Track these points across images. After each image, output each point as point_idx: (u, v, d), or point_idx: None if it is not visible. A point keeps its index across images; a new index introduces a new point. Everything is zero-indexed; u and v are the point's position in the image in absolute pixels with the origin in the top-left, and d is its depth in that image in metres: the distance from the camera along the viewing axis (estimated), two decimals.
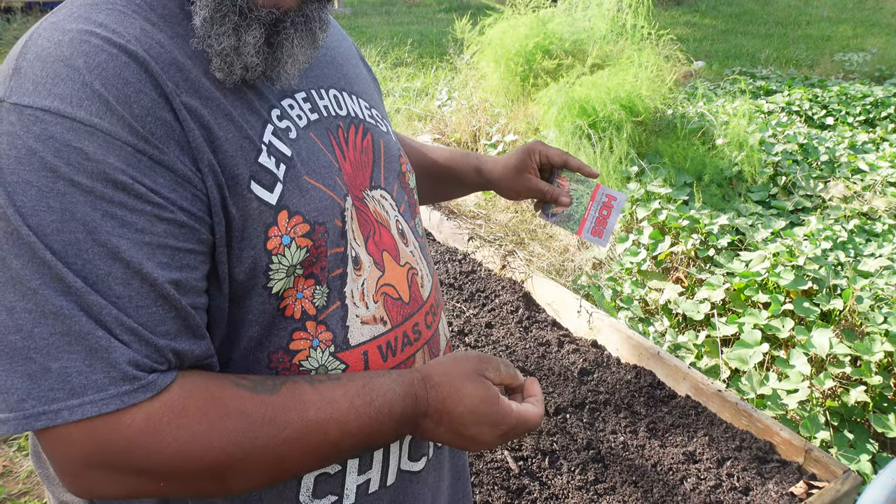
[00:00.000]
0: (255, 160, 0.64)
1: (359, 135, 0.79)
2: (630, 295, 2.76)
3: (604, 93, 3.58)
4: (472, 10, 5.81)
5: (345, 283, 0.71)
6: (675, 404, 1.91)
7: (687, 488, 1.62)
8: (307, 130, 0.72)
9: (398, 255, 0.79)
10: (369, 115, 0.83)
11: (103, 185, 0.55)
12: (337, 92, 0.80)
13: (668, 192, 3.29)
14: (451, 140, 4.42)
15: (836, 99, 5.15)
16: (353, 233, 0.73)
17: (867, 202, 3.39)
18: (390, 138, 0.86)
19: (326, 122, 0.75)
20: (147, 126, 0.58)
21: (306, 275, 0.68)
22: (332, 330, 0.71)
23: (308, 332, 0.69)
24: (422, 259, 0.85)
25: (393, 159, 0.84)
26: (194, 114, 0.61)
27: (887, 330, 2.19)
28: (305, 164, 0.69)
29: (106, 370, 0.54)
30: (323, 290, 0.70)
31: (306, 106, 0.73)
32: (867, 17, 10.08)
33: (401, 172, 0.85)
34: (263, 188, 0.64)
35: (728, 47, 8.15)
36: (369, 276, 0.74)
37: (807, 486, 1.59)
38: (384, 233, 0.78)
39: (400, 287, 0.78)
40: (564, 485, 1.64)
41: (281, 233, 0.65)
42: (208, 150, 0.61)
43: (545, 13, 4.37)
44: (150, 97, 0.59)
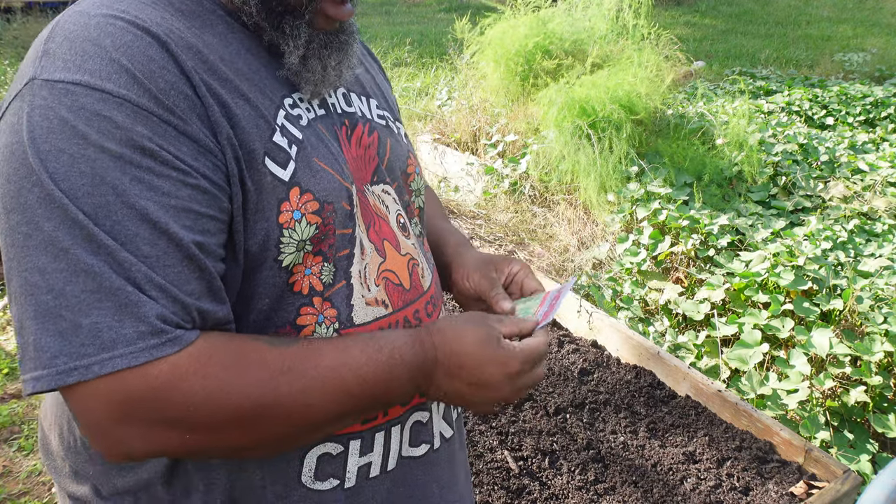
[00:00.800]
0: (269, 138, 0.68)
1: (364, 132, 0.82)
2: (630, 295, 2.76)
3: (603, 93, 3.58)
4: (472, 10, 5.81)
5: (351, 263, 0.75)
6: (675, 404, 1.91)
7: (687, 488, 1.62)
8: (317, 122, 0.76)
9: (398, 246, 0.82)
10: (378, 115, 0.87)
11: (131, 152, 0.59)
12: (346, 91, 0.84)
13: (668, 192, 3.29)
14: (451, 140, 4.42)
15: (836, 99, 5.15)
16: (356, 219, 0.76)
17: (867, 202, 3.39)
18: (399, 138, 0.89)
19: (331, 119, 0.79)
20: (171, 99, 0.62)
21: (315, 251, 0.71)
22: (337, 307, 0.73)
23: (315, 308, 0.72)
24: (422, 254, 0.87)
25: (399, 158, 0.87)
26: (213, 91, 0.65)
27: (887, 330, 2.19)
28: (315, 148, 0.73)
29: (135, 325, 0.57)
30: (330, 267, 0.73)
31: (315, 101, 0.78)
32: (867, 17, 10.08)
33: (405, 173, 0.88)
34: (277, 165, 0.68)
35: (728, 47, 8.15)
36: (371, 260, 0.77)
37: (807, 487, 1.59)
38: (384, 225, 0.81)
39: (401, 274, 0.81)
40: (564, 485, 1.64)
41: (292, 208, 0.68)
42: (227, 124, 0.65)
43: (545, 13, 4.37)
44: (173, 73, 0.63)
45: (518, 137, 4.05)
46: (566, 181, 3.62)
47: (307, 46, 0.73)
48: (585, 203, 3.51)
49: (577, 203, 3.59)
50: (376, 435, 0.78)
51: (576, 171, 3.52)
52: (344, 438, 0.76)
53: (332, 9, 0.73)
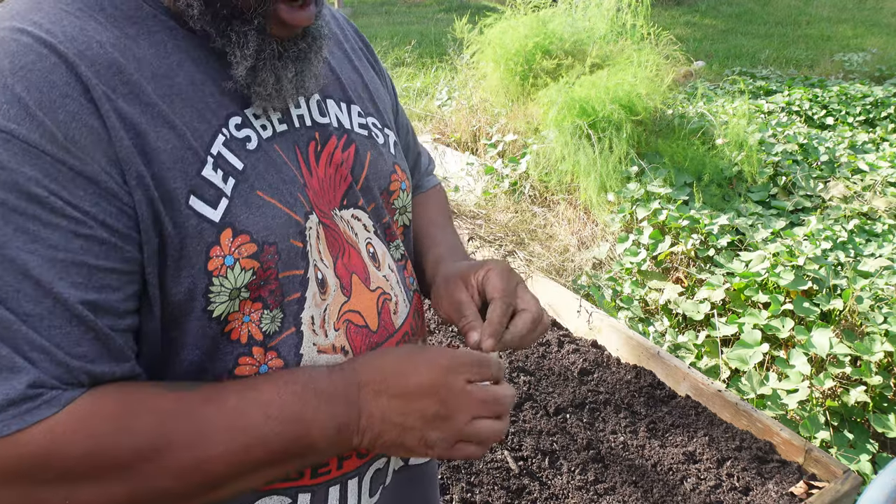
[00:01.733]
0: (196, 173, 0.60)
1: (338, 147, 0.74)
2: (630, 295, 2.76)
3: (603, 93, 3.58)
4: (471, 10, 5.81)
5: (302, 308, 0.67)
6: (675, 404, 1.91)
7: (687, 488, 1.62)
8: (271, 142, 0.67)
9: (368, 279, 0.74)
10: (361, 124, 0.78)
11: (16, 197, 0.52)
12: (321, 98, 0.75)
13: (668, 192, 3.29)
14: (451, 140, 4.42)
15: (836, 99, 5.15)
16: (321, 253, 0.69)
17: (867, 202, 3.39)
18: (384, 150, 0.79)
19: (296, 135, 0.70)
20: (70, 133, 0.54)
21: (253, 298, 0.63)
22: (284, 357, 0.66)
23: (254, 358, 0.65)
24: (399, 284, 0.79)
25: (380, 175, 0.78)
26: (127, 121, 0.57)
27: (887, 330, 2.19)
28: (261, 177, 0.64)
29: (6, 391, 0.51)
30: (274, 314, 0.65)
31: (275, 116, 0.69)
32: (867, 17, 10.08)
33: (386, 190, 0.79)
34: (206, 203, 0.60)
35: (728, 47, 8.15)
36: (333, 301, 0.69)
37: (807, 486, 1.59)
38: (353, 255, 0.73)
39: (367, 314, 0.72)
40: (564, 485, 1.64)
41: (224, 253, 0.60)
42: (140, 160, 0.57)
43: (545, 13, 4.37)
44: (77, 102, 0.55)
45: (518, 137, 4.05)
46: (566, 181, 3.62)
47: (257, 56, 0.63)
48: (585, 203, 3.51)
49: (577, 203, 3.59)
50: (330, 489, 0.71)
51: (576, 171, 3.52)
52: (291, 491, 0.69)
53: (287, 13, 0.63)
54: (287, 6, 0.64)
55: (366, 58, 0.88)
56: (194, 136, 0.61)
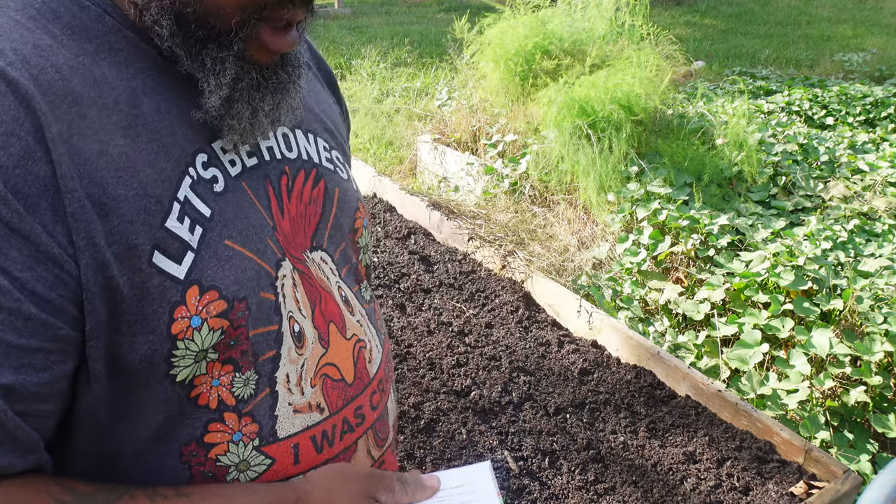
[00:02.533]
0: (160, 224, 0.53)
1: (308, 182, 0.67)
2: (630, 295, 2.76)
3: (603, 93, 3.58)
4: (471, 10, 5.81)
5: (276, 366, 0.61)
6: (675, 404, 1.91)
7: (687, 488, 1.62)
8: (239, 180, 0.60)
9: (344, 327, 0.69)
10: (327, 157, 0.71)
11: None
12: (288, 130, 0.68)
13: (668, 192, 3.29)
14: (451, 140, 4.42)
15: (836, 99, 5.15)
16: (300, 303, 0.63)
17: (867, 202, 3.40)
18: (349, 186, 0.74)
19: (267, 169, 0.64)
20: (12, 181, 0.46)
21: (222, 360, 0.58)
22: (259, 421, 0.61)
23: (226, 425, 0.59)
24: (370, 327, 0.74)
25: (346, 213, 0.73)
26: (83, 166, 0.49)
27: (887, 330, 2.19)
28: (229, 224, 0.58)
29: None
30: (247, 376, 0.59)
31: (244, 148, 0.62)
32: (867, 17, 10.09)
33: (352, 229, 0.74)
34: (170, 259, 0.53)
35: (728, 47, 8.15)
36: (311, 354, 0.64)
37: (807, 487, 1.59)
38: (329, 300, 0.68)
39: (343, 366, 0.68)
40: (564, 485, 1.64)
41: (190, 314, 0.54)
42: (95, 215, 0.49)
43: (545, 13, 4.37)
44: (25, 144, 0.46)
45: (518, 137, 4.05)
46: (566, 181, 3.62)
47: (233, 86, 0.56)
48: (585, 203, 3.51)
49: (577, 203, 3.59)
50: None
51: (576, 171, 3.52)
52: None
53: (270, 36, 0.56)
54: (271, 30, 0.56)
55: (327, 85, 0.81)
56: (159, 179, 0.53)
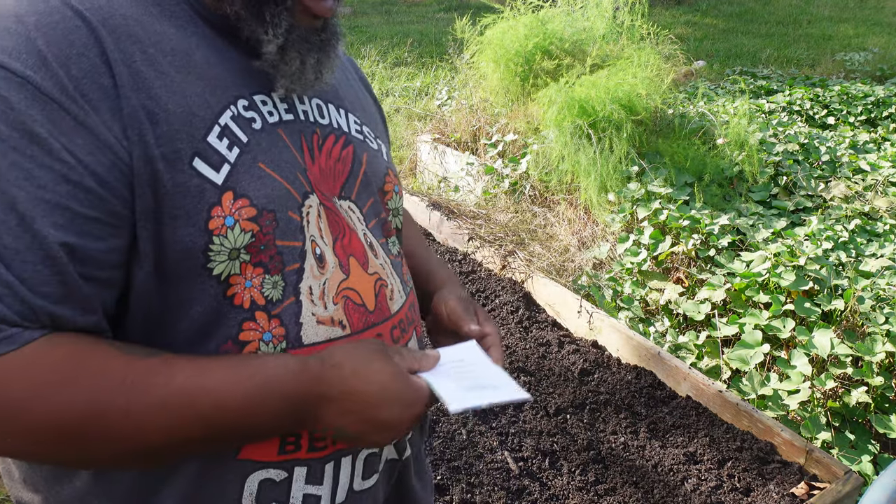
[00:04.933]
0: (202, 138, 0.64)
1: (338, 144, 0.78)
2: (630, 295, 2.76)
3: (603, 92, 3.57)
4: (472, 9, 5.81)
5: (301, 278, 0.70)
6: (676, 405, 1.90)
7: (687, 489, 1.62)
8: (275, 127, 0.71)
9: (366, 264, 0.77)
10: (357, 129, 0.83)
11: (19, 136, 0.56)
12: (322, 102, 0.79)
13: (669, 191, 3.29)
14: (451, 140, 4.42)
15: (837, 98, 5.14)
16: (322, 231, 0.72)
17: (868, 202, 3.39)
18: (377, 153, 0.85)
19: (300, 125, 0.74)
20: (81, 87, 0.58)
21: (254, 262, 0.66)
22: (286, 325, 0.69)
23: (258, 324, 0.67)
24: (394, 275, 0.82)
25: (375, 175, 0.83)
26: (140, 84, 0.61)
27: (889, 330, 2.18)
28: (263, 152, 0.68)
29: None
30: (275, 280, 0.68)
31: (282, 105, 0.73)
32: (868, 16, 10.07)
33: (381, 190, 0.84)
34: (209, 166, 0.64)
35: (729, 47, 8.14)
36: (332, 276, 0.73)
37: (808, 487, 1.58)
38: (354, 239, 0.77)
39: (365, 294, 0.76)
40: (565, 485, 1.63)
41: (225, 213, 0.64)
42: (147, 121, 0.60)
43: (545, 13, 4.37)
44: (92, 62, 0.59)
45: (518, 137, 4.05)
46: (566, 181, 3.62)
47: (286, 36, 0.68)
48: (586, 203, 3.51)
49: (577, 203, 3.59)
50: (326, 466, 0.73)
51: (576, 171, 3.52)
52: (288, 465, 0.71)
53: (311, 1, 0.69)
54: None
55: (364, 88, 0.95)
56: (204, 106, 0.65)
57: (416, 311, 0.87)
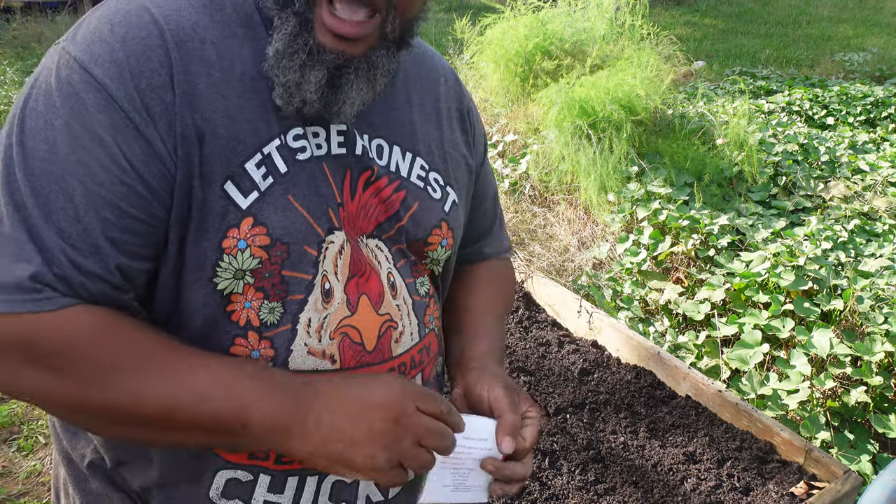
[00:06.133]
0: (240, 164, 0.68)
1: (390, 187, 0.78)
2: (630, 295, 2.76)
3: (603, 93, 3.58)
4: (472, 10, 5.81)
5: (302, 308, 0.72)
6: (676, 404, 1.91)
7: (687, 489, 1.62)
8: (321, 161, 0.73)
9: (379, 304, 0.78)
10: (420, 176, 0.82)
11: (89, 137, 0.63)
12: (385, 143, 0.79)
13: (669, 192, 3.29)
14: None
15: (836, 99, 5.15)
16: (338, 267, 0.74)
17: (868, 202, 3.39)
18: (434, 205, 0.82)
19: (350, 161, 0.75)
20: (146, 100, 0.64)
21: (256, 286, 0.69)
22: (276, 349, 0.71)
23: (248, 342, 0.71)
24: (411, 316, 0.82)
25: (420, 225, 0.81)
26: (197, 105, 0.66)
27: (888, 330, 2.19)
28: (298, 185, 0.71)
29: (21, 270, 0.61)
30: (273, 306, 0.71)
31: (338, 139, 0.75)
32: (868, 16, 10.08)
33: (423, 241, 0.83)
34: (239, 191, 0.67)
35: (728, 47, 8.15)
36: (335, 312, 0.74)
37: (807, 487, 1.59)
38: (373, 278, 0.77)
39: (366, 333, 0.76)
40: (564, 485, 1.64)
41: (239, 236, 0.67)
42: (196, 141, 0.66)
43: (545, 14, 4.37)
44: (163, 78, 0.65)
45: (518, 137, 4.05)
46: (566, 181, 3.62)
47: (289, 42, 0.67)
48: (585, 203, 3.51)
49: (577, 203, 3.59)
50: (288, 479, 0.75)
51: (576, 171, 3.52)
52: (255, 469, 0.74)
53: (328, 17, 0.66)
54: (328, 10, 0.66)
55: (459, 122, 0.91)
56: (252, 133, 0.69)
57: (429, 354, 0.86)
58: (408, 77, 0.84)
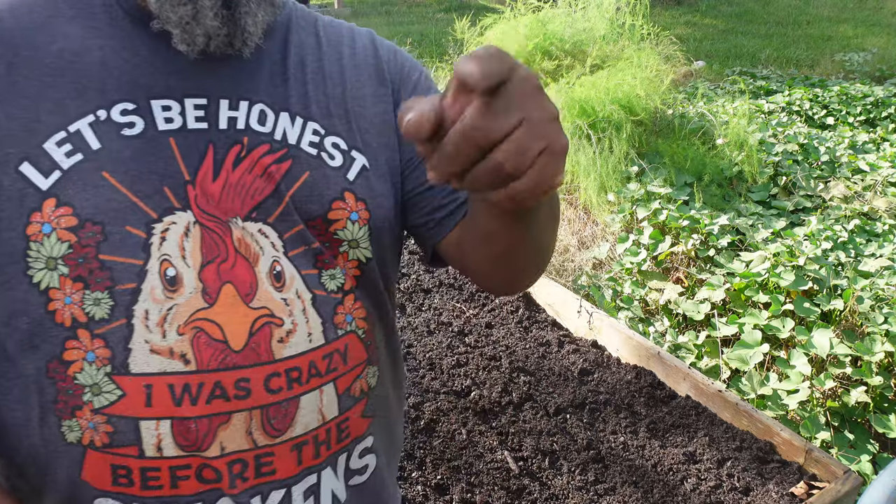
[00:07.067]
0: (39, 143, 0.63)
1: (267, 157, 0.69)
2: (630, 295, 2.76)
3: (603, 93, 3.58)
4: (472, 10, 5.80)
5: (136, 300, 0.64)
6: (676, 405, 1.91)
7: (687, 489, 1.62)
8: (167, 135, 0.66)
9: (251, 295, 0.67)
10: (312, 142, 0.71)
11: None
12: (269, 109, 0.71)
13: (669, 192, 3.29)
14: None
15: (836, 99, 5.15)
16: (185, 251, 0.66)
17: (868, 202, 3.39)
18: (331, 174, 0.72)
19: (214, 135, 0.68)
20: None
21: (73, 276, 0.63)
22: (112, 348, 0.64)
23: (81, 342, 0.64)
24: (309, 313, 0.70)
25: (313, 199, 0.70)
26: None
27: (888, 330, 2.19)
28: (119, 162, 0.64)
29: None
30: (99, 297, 0.64)
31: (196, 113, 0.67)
32: (868, 16, 10.08)
33: (322, 217, 0.71)
34: (38, 171, 0.63)
35: (728, 47, 8.15)
36: (185, 303, 0.65)
37: (807, 487, 1.59)
38: (241, 265, 0.67)
39: (231, 329, 0.66)
40: (565, 485, 1.64)
41: (43, 220, 0.63)
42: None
43: (545, 14, 4.37)
44: None
45: None
46: (566, 181, 3.62)
47: None
48: (585, 203, 3.51)
49: (577, 203, 3.59)
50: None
51: (576, 171, 3.52)
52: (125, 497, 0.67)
53: None
54: None
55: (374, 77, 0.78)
56: (56, 112, 0.64)
57: (345, 362, 0.73)
58: (303, 43, 0.76)
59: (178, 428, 0.65)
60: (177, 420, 0.65)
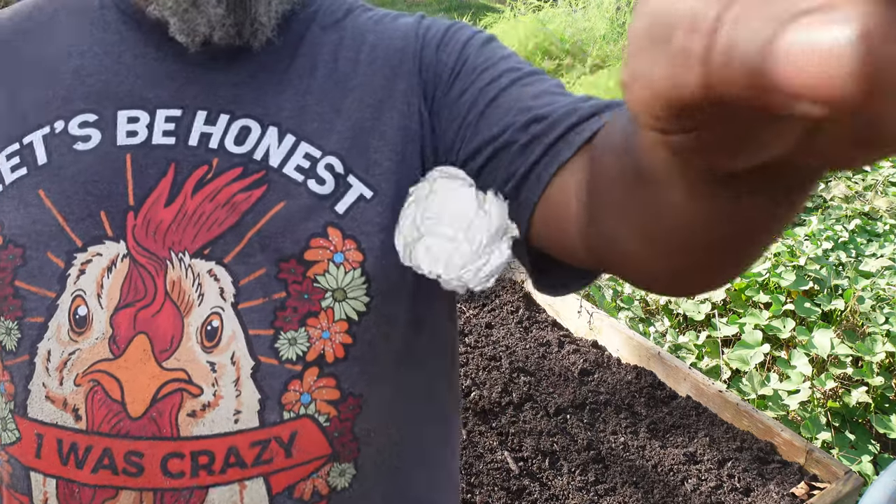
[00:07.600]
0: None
1: (237, 184, 0.57)
2: (630, 295, 2.76)
3: (604, 93, 3.58)
4: (472, 9, 5.80)
5: (41, 337, 0.56)
6: (676, 405, 1.90)
7: (688, 489, 1.62)
8: (125, 151, 0.57)
9: (166, 354, 0.55)
10: (300, 166, 0.58)
11: None
12: (255, 123, 0.59)
13: None
14: None
15: None
16: (102, 289, 0.56)
17: (869, 202, 3.39)
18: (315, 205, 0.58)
19: (180, 153, 0.58)
20: None
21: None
22: (15, 384, 0.57)
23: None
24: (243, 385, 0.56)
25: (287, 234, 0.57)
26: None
27: (889, 330, 2.18)
28: (59, 180, 0.57)
29: None
30: (9, 326, 0.56)
31: (165, 126, 0.58)
32: None
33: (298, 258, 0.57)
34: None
35: None
36: (88, 349, 0.55)
37: (808, 487, 1.59)
38: (167, 314, 0.56)
39: (132, 392, 0.55)
40: (565, 485, 1.64)
41: None
42: None
43: (545, 14, 4.37)
44: None
45: None
46: None
47: None
48: None
49: None
50: None
51: None
52: None
53: None
54: None
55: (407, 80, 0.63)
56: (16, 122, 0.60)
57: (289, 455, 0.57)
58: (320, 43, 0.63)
59: (63, 490, 0.56)
60: (63, 481, 0.56)
